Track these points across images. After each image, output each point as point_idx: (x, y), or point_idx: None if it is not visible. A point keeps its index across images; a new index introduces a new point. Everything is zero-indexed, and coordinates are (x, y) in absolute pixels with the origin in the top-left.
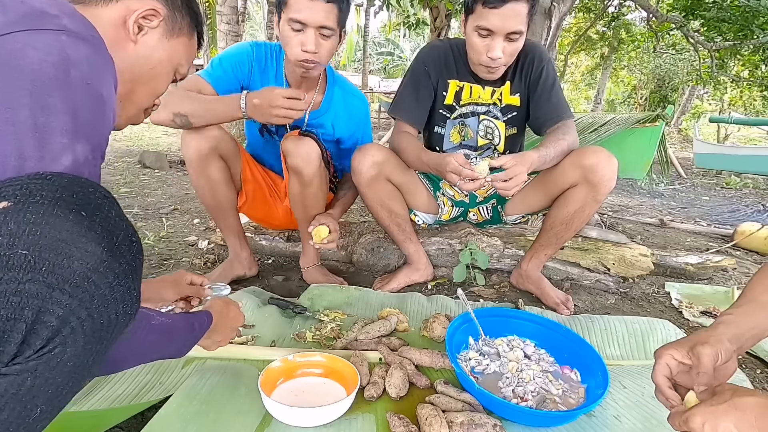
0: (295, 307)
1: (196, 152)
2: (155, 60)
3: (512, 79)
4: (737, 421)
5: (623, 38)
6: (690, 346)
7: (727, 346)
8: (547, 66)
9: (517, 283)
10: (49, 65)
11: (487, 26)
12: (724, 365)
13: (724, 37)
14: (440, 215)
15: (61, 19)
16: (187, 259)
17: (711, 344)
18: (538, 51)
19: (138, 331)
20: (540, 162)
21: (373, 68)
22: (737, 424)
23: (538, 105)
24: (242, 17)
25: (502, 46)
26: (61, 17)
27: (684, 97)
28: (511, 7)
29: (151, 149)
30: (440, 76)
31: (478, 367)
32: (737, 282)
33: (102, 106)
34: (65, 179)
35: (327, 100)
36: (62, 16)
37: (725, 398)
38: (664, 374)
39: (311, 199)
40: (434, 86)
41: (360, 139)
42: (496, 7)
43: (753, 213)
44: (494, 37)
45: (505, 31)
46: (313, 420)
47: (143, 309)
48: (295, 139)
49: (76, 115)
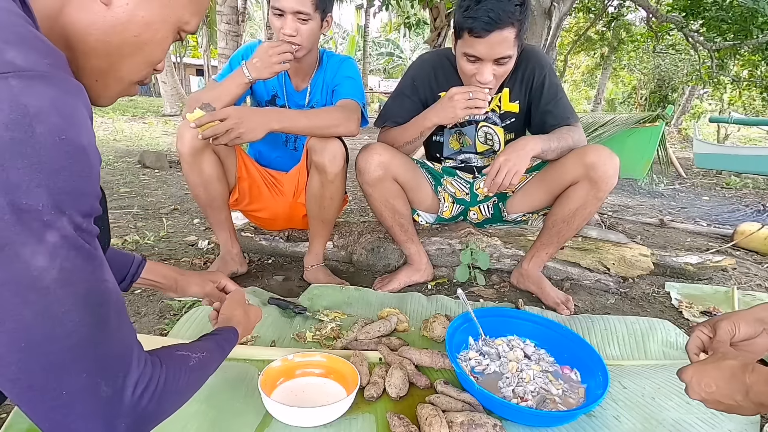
0: (295, 307)
1: (189, 147)
2: (140, 25)
3: (511, 85)
4: (716, 379)
5: (623, 38)
6: (715, 321)
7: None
8: (548, 73)
9: (518, 282)
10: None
11: (474, 53)
12: (751, 340)
13: (724, 37)
14: (441, 212)
15: (4, 55)
16: (187, 259)
17: (729, 320)
18: (537, 58)
19: (181, 378)
20: (543, 148)
21: (373, 68)
22: (716, 381)
23: (544, 112)
24: (242, 17)
25: (492, 70)
26: (5, 50)
27: (684, 97)
28: (498, 34)
29: (151, 149)
30: (429, 90)
31: (478, 367)
32: (737, 282)
33: (85, 159)
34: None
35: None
36: (6, 48)
37: (715, 359)
38: (695, 345)
39: (328, 199)
40: (422, 101)
41: (340, 83)
42: (481, 36)
43: (753, 213)
44: (483, 63)
45: (492, 57)
46: (313, 420)
47: (180, 353)
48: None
49: (54, 186)
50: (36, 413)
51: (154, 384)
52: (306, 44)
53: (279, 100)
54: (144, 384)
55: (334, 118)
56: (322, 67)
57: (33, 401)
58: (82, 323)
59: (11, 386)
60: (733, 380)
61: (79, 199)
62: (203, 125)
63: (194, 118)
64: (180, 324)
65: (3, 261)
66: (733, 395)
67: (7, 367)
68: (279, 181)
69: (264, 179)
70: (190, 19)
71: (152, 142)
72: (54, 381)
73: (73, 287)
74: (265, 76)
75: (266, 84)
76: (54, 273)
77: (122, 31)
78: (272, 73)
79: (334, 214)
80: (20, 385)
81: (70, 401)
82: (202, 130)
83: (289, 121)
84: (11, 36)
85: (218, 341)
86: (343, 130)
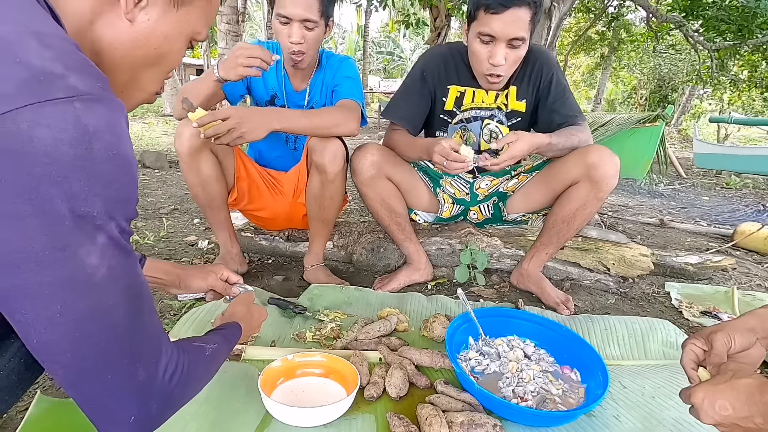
0: (295, 307)
1: (188, 146)
2: (159, 38)
3: (518, 84)
4: (732, 400)
5: (623, 38)
6: (708, 333)
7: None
8: (556, 72)
9: (518, 282)
10: (65, 144)
11: (488, 32)
12: (746, 352)
13: (723, 37)
14: (440, 212)
15: (68, 79)
16: (187, 259)
17: (724, 331)
18: (545, 57)
19: (201, 365)
20: (549, 146)
21: (373, 68)
22: (732, 403)
23: (552, 111)
24: (242, 17)
25: (505, 53)
26: (68, 76)
27: (684, 97)
28: (514, 12)
29: (151, 149)
30: (439, 82)
31: (478, 367)
32: (737, 282)
33: (131, 170)
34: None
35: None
36: (69, 74)
37: (726, 378)
38: (689, 358)
39: (328, 199)
40: (432, 93)
41: (340, 83)
42: (497, 13)
43: (753, 213)
44: (496, 43)
45: (507, 36)
46: (313, 420)
47: (197, 344)
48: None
49: (107, 195)
50: (82, 396)
51: (180, 369)
52: (311, 51)
53: (278, 100)
54: (172, 369)
55: (334, 118)
56: (321, 67)
57: (80, 385)
58: (125, 314)
59: (64, 372)
60: (751, 401)
61: (125, 206)
62: (205, 125)
63: (196, 117)
64: (180, 324)
65: (63, 260)
66: (752, 418)
67: (62, 354)
68: (279, 181)
69: (263, 179)
70: (202, 29)
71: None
72: (101, 366)
73: (117, 282)
74: (231, 77)
75: (266, 84)
76: (104, 270)
77: (144, 45)
78: (238, 75)
79: (334, 214)
80: (72, 371)
81: (113, 385)
82: (203, 129)
83: (290, 121)
84: (71, 63)
85: (225, 335)
86: (343, 130)
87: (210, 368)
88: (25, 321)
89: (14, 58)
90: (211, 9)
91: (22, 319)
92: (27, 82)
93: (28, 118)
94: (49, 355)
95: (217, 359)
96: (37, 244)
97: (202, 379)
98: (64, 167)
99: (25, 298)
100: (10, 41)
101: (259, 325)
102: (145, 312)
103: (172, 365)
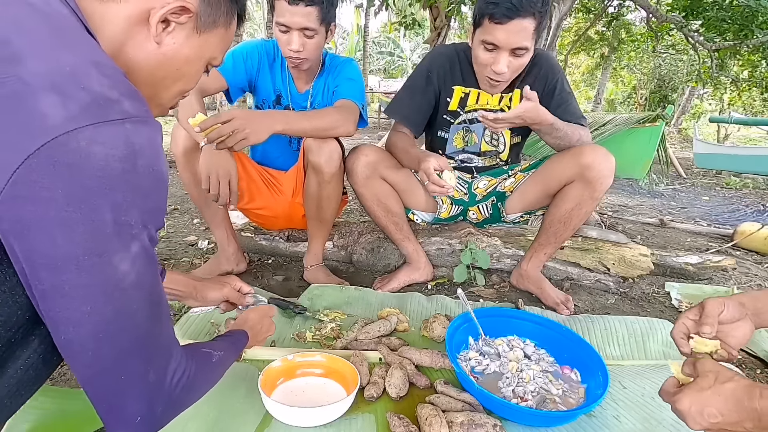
0: (295, 307)
1: (182, 148)
2: (181, 60)
3: (522, 88)
4: (720, 407)
5: (623, 38)
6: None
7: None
8: (560, 78)
9: (517, 282)
10: (116, 160)
11: (492, 41)
12: (736, 323)
13: (723, 37)
14: (439, 213)
15: (122, 104)
16: (187, 259)
17: (717, 299)
18: (550, 63)
19: (206, 372)
20: (551, 127)
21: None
22: (720, 410)
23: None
24: None
25: (507, 61)
26: (122, 101)
27: (684, 97)
28: (518, 23)
29: None
30: (444, 82)
31: (478, 367)
32: (737, 282)
33: (164, 184)
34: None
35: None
36: (123, 99)
37: (710, 382)
38: (681, 330)
39: (326, 199)
40: (436, 92)
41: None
42: (501, 23)
43: (753, 213)
44: (499, 52)
45: (510, 46)
46: (313, 420)
47: (205, 350)
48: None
49: (144, 206)
50: (96, 393)
51: (187, 375)
52: (312, 56)
53: (284, 100)
54: (180, 374)
55: (333, 120)
56: (324, 69)
57: (97, 383)
58: (146, 318)
59: (84, 370)
60: (740, 407)
61: (157, 216)
62: (207, 128)
63: (197, 122)
64: (180, 324)
65: (99, 265)
66: (742, 423)
67: (84, 353)
68: (278, 180)
69: (262, 177)
70: (218, 55)
71: None
72: (119, 367)
73: (143, 289)
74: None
75: (274, 83)
76: (132, 276)
77: (168, 66)
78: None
79: (332, 214)
80: (92, 370)
81: (126, 385)
82: (206, 133)
83: (291, 123)
84: (124, 89)
85: (232, 342)
86: (342, 131)
87: (215, 374)
88: (57, 318)
89: (80, 85)
90: (228, 37)
91: (55, 317)
92: (89, 106)
93: (87, 136)
94: (74, 352)
95: (223, 366)
96: (80, 249)
97: (207, 385)
98: (112, 180)
99: (62, 297)
100: (76, 71)
101: (263, 339)
102: (162, 318)
103: (180, 370)
